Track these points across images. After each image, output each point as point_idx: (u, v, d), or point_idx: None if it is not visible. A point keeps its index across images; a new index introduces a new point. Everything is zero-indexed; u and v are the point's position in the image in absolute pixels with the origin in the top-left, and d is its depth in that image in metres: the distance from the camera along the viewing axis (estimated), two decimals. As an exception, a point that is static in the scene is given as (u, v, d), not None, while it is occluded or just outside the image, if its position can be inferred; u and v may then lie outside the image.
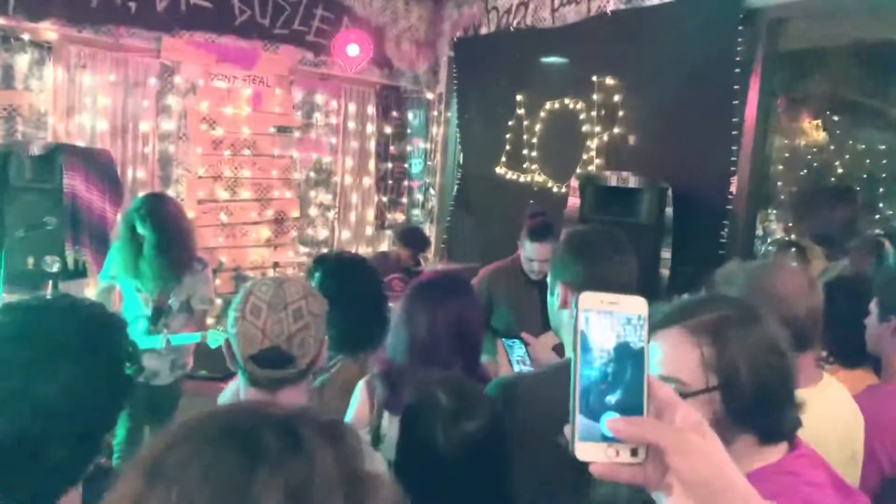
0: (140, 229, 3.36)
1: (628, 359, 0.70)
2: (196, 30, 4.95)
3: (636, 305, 0.71)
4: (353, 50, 5.28)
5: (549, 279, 1.71)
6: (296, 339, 1.42)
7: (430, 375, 1.54)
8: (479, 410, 1.38)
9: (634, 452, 0.69)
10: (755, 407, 1.09)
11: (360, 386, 1.91)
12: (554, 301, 1.66)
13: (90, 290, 4.61)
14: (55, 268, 3.87)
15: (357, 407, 1.91)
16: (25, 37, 4.32)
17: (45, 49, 4.41)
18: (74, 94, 4.52)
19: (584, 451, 0.69)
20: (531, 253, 3.48)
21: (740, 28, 3.73)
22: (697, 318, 1.13)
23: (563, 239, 1.76)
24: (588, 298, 0.71)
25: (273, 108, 5.45)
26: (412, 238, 5.20)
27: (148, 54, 4.79)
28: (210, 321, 4.57)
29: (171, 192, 5.05)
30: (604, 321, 0.70)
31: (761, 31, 3.80)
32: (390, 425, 1.75)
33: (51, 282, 3.99)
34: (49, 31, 4.37)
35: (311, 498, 0.58)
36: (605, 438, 0.68)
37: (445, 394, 1.38)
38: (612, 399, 0.69)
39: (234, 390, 1.89)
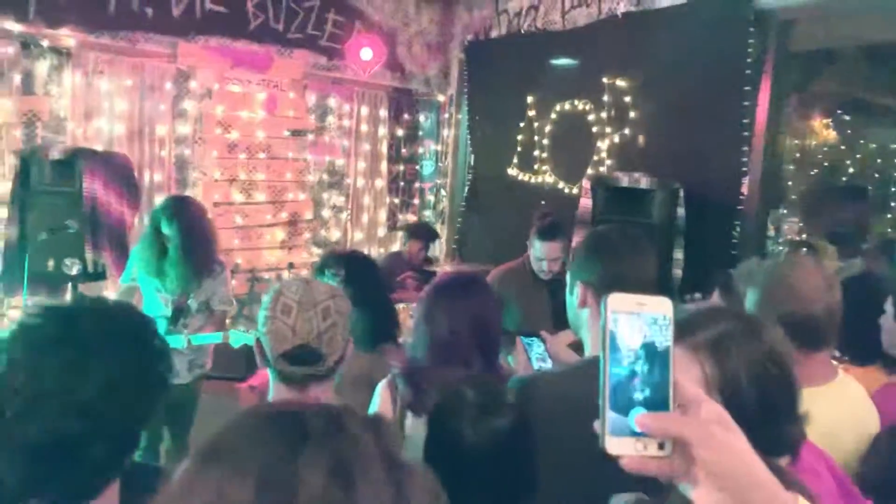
0: (165, 230, 3.42)
1: (654, 357, 0.74)
2: (211, 35, 5.02)
3: (662, 306, 0.75)
4: (366, 54, 5.33)
5: (567, 278, 1.74)
6: (325, 337, 1.47)
7: (455, 375, 1.58)
8: (506, 407, 1.41)
9: (661, 446, 0.73)
10: (758, 422, 1.10)
11: (382, 386, 1.94)
12: (573, 300, 1.69)
13: (109, 293, 4.68)
14: (75, 270, 3.91)
15: (379, 407, 1.95)
16: (45, 43, 4.39)
17: (65, 55, 4.48)
18: (93, 99, 4.59)
19: (615, 446, 0.73)
20: (541, 252, 3.52)
21: (751, 29, 3.76)
22: (698, 335, 1.12)
23: (583, 239, 1.77)
24: (616, 300, 0.75)
25: (287, 112, 5.51)
26: (420, 230, 5.30)
27: (164, 59, 4.86)
28: (227, 322, 4.63)
29: (185, 194, 5.13)
30: (631, 322, 0.74)
31: (772, 33, 3.83)
32: (414, 426, 1.78)
33: (70, 284, 4.05)
34: (68, 37, 4.44)
35: (353, 476, 0.61)
36: (633, 433, 0.73)
37: (472, 391, 1.42)
38: (639, 396, 0.73)
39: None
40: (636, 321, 0.75)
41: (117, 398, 1.17)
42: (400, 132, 6.29)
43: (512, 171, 5.46)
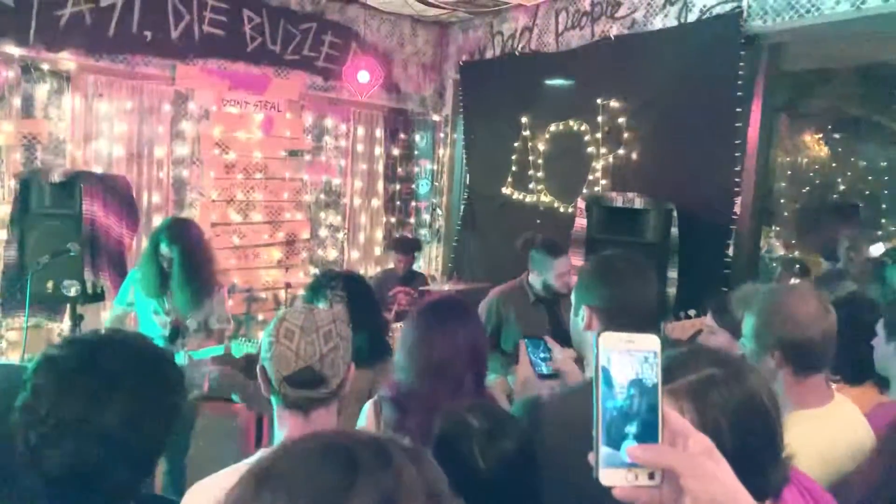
0: (165, 251, 3.44)
1: (644, 391, 0.79)
2: (209, 57, 5.08)
3: (650, 343, 0.80)
4: (363, 77, 5.39)
5: (573, 300, 1.78)
6: (327, 360, 1.50)
7: (444, 399, 1.61)
8: (511, 430, 1.44)
9: (652, 476, 0.78)
10: (739, 468, 1.11)
11: (368, 406, 1.98)
12: (578, 321, 1.74)
13: (107, 314, 4.70)
14: (73, 291, 3.92)
15: (364, 425, 1.99)
16: (45, 67, 4.44)
17: (64, 78, 4.53)
18: (92, 122, 4.64)
19: (607, 477, 0.78)
20: (557, 268, 3.55)
21: (741, 52, 3.83)
22: (678, 381, 1.11)
23: (589, 263, 1.82)
24: (608, 338, 0.80)
25: (284, 133, 5.56)
26: (399, 243, 5.44)
27: (163, 82, 4.91)
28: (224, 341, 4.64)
29: (185, 216, 5.15)
30: (622, 358, 0.79)
31: (762, 54, 3.91)
32: None
33: (69, 305, 4.06)
34: (67, 61, 4.49)
35: None
36: (625, 464, 0.77)
37: (475, 417, 1.45)
38: (630, 429, 0.78)
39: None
40: (627, 358, 0.79)
41: (136, 426, 1.22)
42: (396, 152, 6.35)
43: (507, 191, 5.52)
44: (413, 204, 6.61)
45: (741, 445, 1.08)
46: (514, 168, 5.45)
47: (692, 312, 3.21)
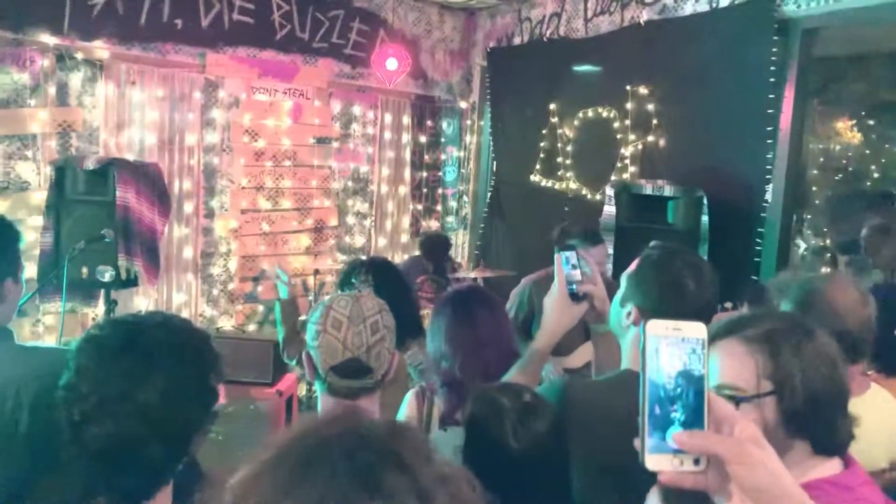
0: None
1: (690, 377, 0.80)
2: (239, 45, 5.12)
3: (697, 330, 0.81)
4: (392, 64, 5.40)
5: (621, 291, 1.73)
6: (373, 351, 1.51)
7: (486, 384, 1.62)
8: (543, 410, 1.45)
9: (697, 462, 0.79)
10: (809, 414, 1.14)
11: (411, 396, 2.00)
12: (621, 312, 1.70)
13: (140, 299, 4.79)
14: (107, 277, 3.99)
15: (407, 414, 2.00)
16: (79, 56, 4.50)
17: (98, 67, 4.59)
18: (124, 110, 4.70)
19: (653, 462, 0.79)
20: (598, 257, 3.52)
21: (775, 38, 3.77)
22: (751, 330, 1.18)
23: (642, 260, 1.73)
24: (654, 325, 0.81)
25: (312, 120, 5.59)
26: (430, 250, 5.22)
27: (193, 70, 4.96)
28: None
29: (215, 203, 5.23)
30: (668, 345, 0.80)
31: (795, 41, 3.84)
32: (440, 436, 1.82)
33: (103, 290, 4.14)
34: (101, 49, 4.55)
35: None
36: (670, 450, 0.79)
37: (507, 397, 1.46)
38: (676, 414, 0.79)
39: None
40: (674, 345, 0.80)
41: (174, 404, 1.25)
42: (423, 139, 6.36)
43: (535, 178, 5.51)
44: (440, 191, 6.62)
45: (812, 391, 1.13)
46: (541, 155, 5.43)
47: (728, 305, 3.17)
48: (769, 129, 3.83)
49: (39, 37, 4.34)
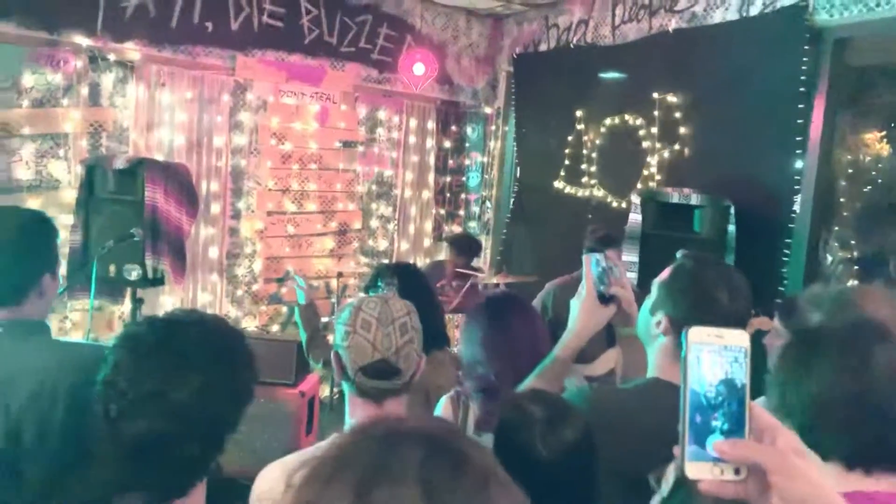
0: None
1: (732, 386, 0.80)
2: (268, 49, 5.17)
3: (740, 338, 0.81)
4: (419, 69, 5.43)
5: (652, 298, 1.72)
6: (402, 353, 1.52)
7: (518, 392, 1.62)
8: (572, 418, 1.45)
9: (737, 471, 0.78)
10: (884, 425, 1.15)
11: (446, 400, 2.00)
12: (649, 317, 1.69)
13: (166, 298, 4.84)
14: (134, 275, 4.05)
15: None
16: (111, 57, 4.57)
17: (129, 68, 4.66)
18: (154, 111, 4.76)
19: (693, 470, 0.79)
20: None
21: (806, 47, 3.74)
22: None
23: (675, 270, 1.71)
24: (697, 333, 0.80)
25: (338, 124, 5.63)
26: (464, 246, 5.26)
27: (223, 72, 5.02)
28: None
29: (241, 204, 5.28)
30: (710, 353, 0.80)
31: (827, 50, 3.80)
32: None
33: (130, 289, 4.20)
34: (133, 51, 4.62)
35: None
36: (710, 458, 0.78)
37: (537, 405, 1.46)
38: (717, 423, 0.79)
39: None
40: (715, 352, 0.80)
41: (208, 403, 1.26)
42: (447, 144, 6.37)
43: (559, 184, 5.50)
44: (463, 196, 6.64)
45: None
46: (566, 161, 5.42)
47: (752, 311, 3.14)
48: (798, 139, 3.80)
49: (73, 38, 4.41)
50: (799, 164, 3.82)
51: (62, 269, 3.84)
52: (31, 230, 1.83)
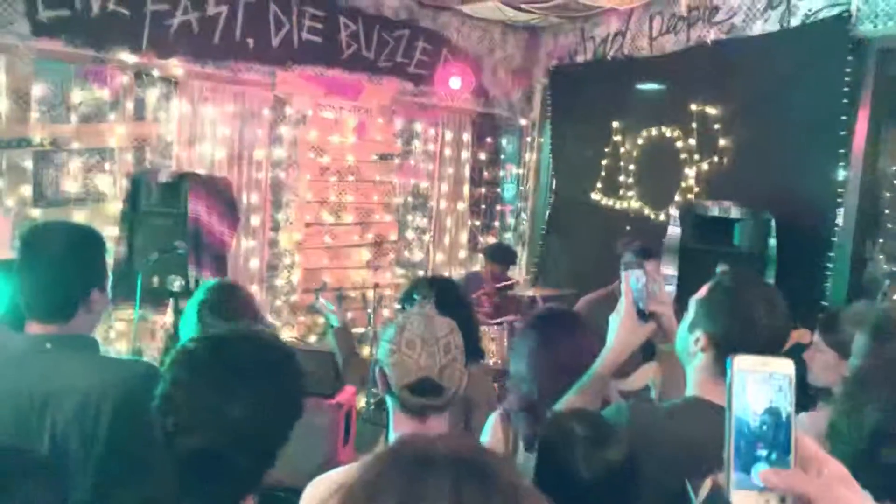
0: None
1: (777, 414, 0.79)
2: (307, 64, 5.25)
3: (785, 366, 0.81)
4: (455, 83, 5.46)
5: (690, 315, 1.71)
6: (446, 372, 1.54)
7: (561, 410, 1.62)
8: (615, 438, 1.45)
9: (783, 500, 0.78)
10: None
11: (495, 419, 1.99)
12: (688, 337, 1.68)
13: (207, 308, 4.91)
14: (177, 287, 4.11)
15: (491, 438, 2.00)
16: (155, 73, 4.68)
17: (173, 84, 4.77)
18: (197, 125, 4.86)
19: (738, 499, 0.78)
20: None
21: (849, 58, 3.70)
22: None
23: (714, 287, 1.69)
24: (742, 361, 0.81)
25: (375, 137, 5.69)
26: (499, 255, 5.33)
27: (263, 87, 5.10)
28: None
29: (281, 216, 5.35)
30: (756, 381, 0.80)
31: (870, 60, 3.75)
32: (525, 458, 1.83)
33: (172, 300, 4.27)
34: (176, 67, 4.72)
35: None
36: (756, 487, 0.78)
37: (580, 424, 1.46)
38: (762, 451, 0.79)
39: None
40: (761, 381, 0.80)
41: (261, 417, 1.29)
42: (482, 156, 6.40)
43: (595, 196, 5.48)
44: (498, 208, 6.65)
45: None
46: (603, 173, 5.41)
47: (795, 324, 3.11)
48: (841, 150, 3.76)
49: (119, 55, 4.52)
50: (842, 176, 3.76)
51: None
52: (80, 245, 1.84)
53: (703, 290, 1.72)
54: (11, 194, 4.28)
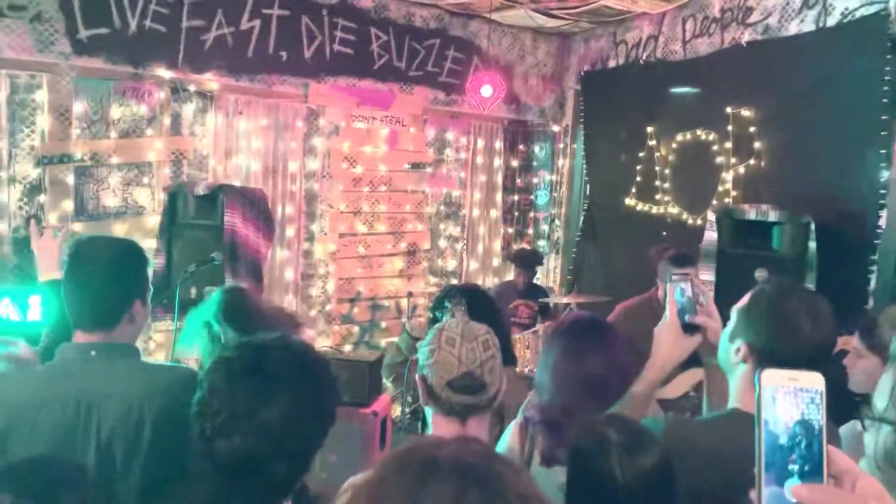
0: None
1: (809, 428, 0.78)
2: (339, 75, 5.30)
3: (814, 381, 0.80)
4: (486, 91, 5.47)
5: (731, 325, 1.68)
6: (486, 367, 1.56)
7: (592, 416, 1.58)
8: (650, 445, 1.43)
9: None
10: None
11: (514, 428, 1.95)
12: (729, 347, 1.65)
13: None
14: (214, 297, 4.16)
15: (508, 443, 1.95)
16: (191, 88, 4.77)
17: (208, 98, 4.85)
18: (232, 138, 4.94)
19: None
20: None
21: (888, 56, 3.62)
22: None
23: (756, 296, 1.65)
24: (770, 375, 0.80)
25: (407, 146, 5.72)
26: (521, 258, 5.41)
27: (296, 100, 5.17)
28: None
29: (315, 227, 5.40)
30: (785, 396, 0.79)
31: (911, 58, 3.67)
32: (536, 469, 1.79)
33: (210, 310, 4.32)
34: (211, 81, 4.81)
35: None
36: (789, 503, 0.76)
37: (614, 430, 1.43)
38: (794, 466, 0.77)
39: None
40: (790, 396, 0.79)
41: (294, 424, 1.31)
42: (515, 163, 6.39)
43: (630, 201, 5.43)
44: (531, 215, 6.63)
45: None
46: (638, 178, 5.36)
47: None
48: (882, 151, 3.66)
49: (156, 71, 4.62)
50: (884, 177, 3.67)
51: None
52: (124, 259, 1.91)
53: (745, 299, 1.68)
54: (54, 209, 4.39)
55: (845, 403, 2.17)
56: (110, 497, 1.68)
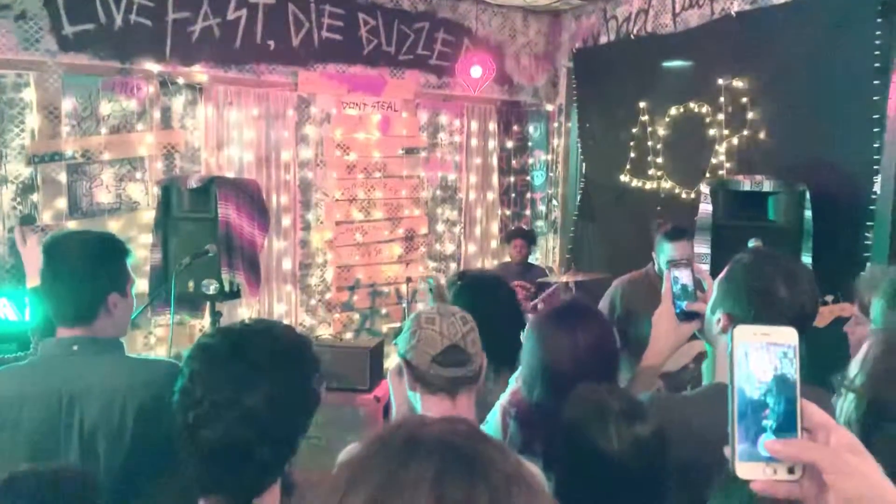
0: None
1: (782, 383, 0.78)
2: (328, 62, 5.28)
3: (787, 335, 0.79)
4: (476, 72, 5.44)
5: (712, 298, 1.67)
6: (468, 339, 1.59)
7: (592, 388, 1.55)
8: (648, 415, 1.43)
9: (791, 470, 0.76)
10: None
11: (499, 411, 1.91)
12: (713, 321, 1.64)
13: (243, 310, 4.98)
14: (212, 290, 4.16)
15: (493, 425, 1.92)
16: (180, 80, 4.75)
17: (197, 90, 4.83)
18: (223, 130, 4.92)
19: (744, 470, 0.77)
20: (672, 253, 3.47)
21: (878, 20, 3.58)
22: None
23: (732, 265, 1.64)
24: (742, 331, 0.79)
25: (401, 132, 5.70)
26: (512, 232, 5.49)
27: (286, 88, 5.14)
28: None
29: (311, 216, 5.39)
30: (757, 351, 0.78)
31: (902, 22, 3.63)
32: None
33: (208, 303, 4.33)
34: (200, 73, 4.78)
35: None
36: (763, 458, 0.76)
37: (615, 399, 1.44)
38: (767, 422, 0.77)
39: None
40: (763, 351, 0.78)
41: (278, 408, 1.30)
42: (510, 144, 6.35)
43: (625, 178, 5.41)
44: (528, 195, 6.61)
45: None
46: (632, 154, 5.34)
47: (829, 298, 3.05)
48: (876, 116, 3.64)
49: (144, 65, 4.60)
50: (877, 143, 3.65)
51: (145, 287, 3.99)
52: (96, 252, 1.91)
53: (725, 271, 1.68)
54: (48, 208, 4.38)
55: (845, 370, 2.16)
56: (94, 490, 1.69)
